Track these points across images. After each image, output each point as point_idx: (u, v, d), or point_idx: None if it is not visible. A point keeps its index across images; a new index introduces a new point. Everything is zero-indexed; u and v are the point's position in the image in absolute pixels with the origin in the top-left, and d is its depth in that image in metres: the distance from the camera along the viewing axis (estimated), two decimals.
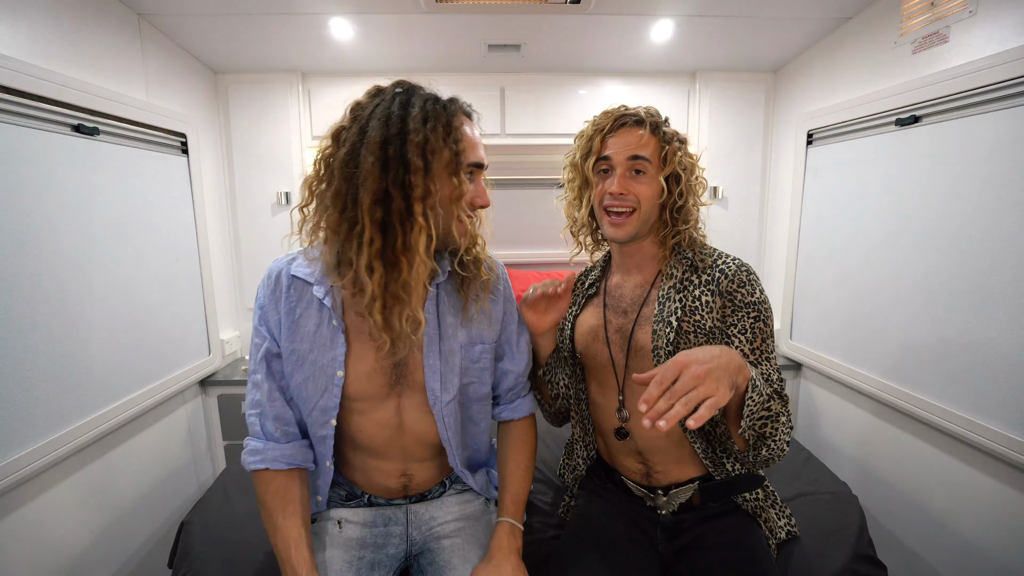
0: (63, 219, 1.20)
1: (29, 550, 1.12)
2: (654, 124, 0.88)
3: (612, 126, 0.88)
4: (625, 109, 0.90)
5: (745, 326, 0.82)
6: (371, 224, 0.69)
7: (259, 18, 1.58)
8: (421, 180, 0.69)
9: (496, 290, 0.91)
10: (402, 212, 0.69)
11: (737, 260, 0.86)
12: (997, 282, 1.12)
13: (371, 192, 0.68)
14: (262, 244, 2.05)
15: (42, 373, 1.13)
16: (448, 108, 0.74)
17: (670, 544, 0.89)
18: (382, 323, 0.73)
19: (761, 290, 0.84)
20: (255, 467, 0.82)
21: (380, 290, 0.71)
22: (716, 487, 0.88)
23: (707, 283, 0.85)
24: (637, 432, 0.90)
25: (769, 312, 0.83)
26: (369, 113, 0.71)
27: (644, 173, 0.86)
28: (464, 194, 0.74)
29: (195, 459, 1.76)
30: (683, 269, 0.89)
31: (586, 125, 0.93)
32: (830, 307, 1.66)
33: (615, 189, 0.86)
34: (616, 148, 0.87)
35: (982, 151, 1.16)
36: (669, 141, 0.87)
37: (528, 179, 2.30)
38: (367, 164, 0.68)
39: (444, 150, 0.70)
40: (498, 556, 0.81)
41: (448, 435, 0.86)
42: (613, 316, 0.94)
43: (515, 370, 0.95)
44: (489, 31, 1.71)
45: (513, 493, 0.89)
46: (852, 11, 1.56)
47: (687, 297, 0.85)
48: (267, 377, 0.83)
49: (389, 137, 0.69)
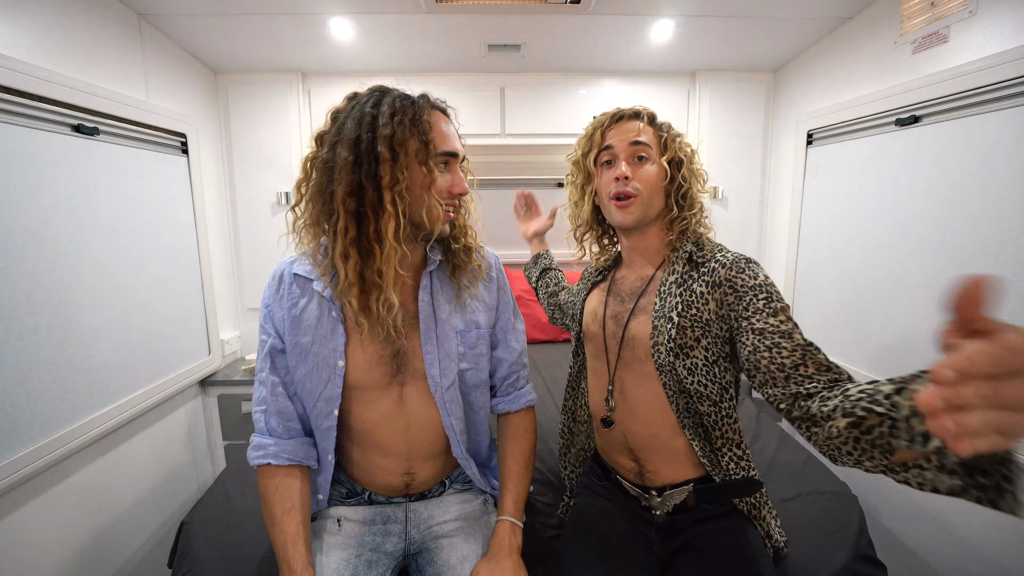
0: (63, 219, 1.20)
1: (29, 550, 1.12)
2: (650, 116, 0.92)
3: (611, 120, 0.92)
4: (621, 108, 0.94)
5: (759, 306, 0.75)
6: (345, 214, 0.74)
7: (259, 18, 1.58)
8: (389, 169, 0.73)
9: (489, 277, 0.95)
10: (374, 202, 0.74)
11: (736, 254, 0.85)
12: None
13: (345, 184, 0.73)
14: (262, 244, 2.05)
15: (42, 373, 1.13)
16: (416, 103, 0.78)
17: (665, 544, 0.89)
18: (358, 308, 0.77)
19: (765, 275, 0.79)
20: (257, 462, 0.84)
21: (356, 276, 0.76)
22: (711, 490, 0.87)
23: (704, 275, 0.84)
24: (623, 425, 0.91)
25: (778, 294, 0.76)
26: (345, 115, 0.77)
27: (646, 159, 0.88)
28: (434, 182, 0.78)
29: (195, 459, 1.76)
30: (683, 263, 0.88)
31: (586, 127, 0.97)
32: (830, 307, 1.66)
33: (620, 173, 0.87)
34: (618, 137, 0.90)
35: (982, 151, 1.16)
36: (667, 131, 0.91)
37: (528, 179, 2.30)
38: (341, 159, 0.73)
39: (411, 140, 0.74)
40: (499, 554, 0.82)
41: (451, 421, 0.88)
42: (613, 302, 0.96)
43: (508, 358, 0.96)
44: (489, 31, 1.72)
45: (513, 491, 0.90)
46: (852, 11, 1.56)
47: (687, 292, 0.85)
48: (271, 372, 0.86)
49: (361, 134, 0.74)
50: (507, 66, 1.99)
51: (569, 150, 1.00)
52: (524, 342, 1.01)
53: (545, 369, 1.90)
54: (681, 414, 0.85)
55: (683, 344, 0.82)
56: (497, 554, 0.82)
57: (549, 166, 2.30)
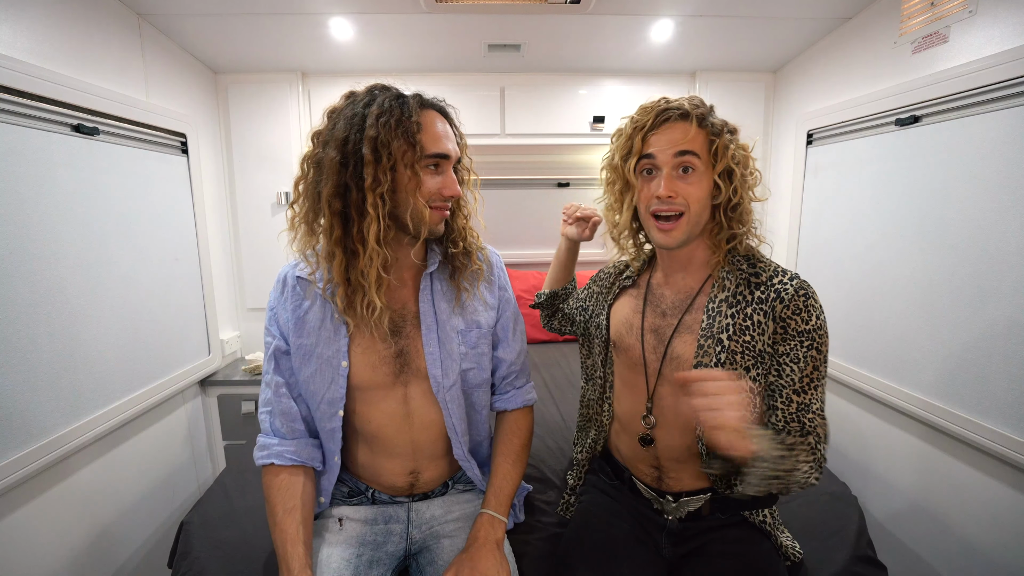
0: (63, 219, 1.20)
1: (30, 550, 1.12)
2: (700, 116, 0.78)
3: (654, 122, 0.79)
4: (667, 102, 0.80)
5: (798, 355, 0.76)
6: (331, 214, 0.74)
7: (259, 18, 1.58)
8: (372, 172, 0.72)
9: (491, 278, 0.95)
10: (358, 203, 0.74)
11: (796, 280, 0.78)
12: (997, 282, 1.12)
13: (331, 185, 0.73)
14: (262, 244, 2.05)
15: (42, 373, 1.13)
16: (406, 103, 0.76)
17: (675, 549, 0.88)
18: (343, 308, 0.79)
19: (818, 315, 0.76)
20: (261, 462, 0.85)
21: (341, 277, 0.77)
22: (728, 500, 0.86)
23: (760, 302, 0.78)
24: (662, 442, 0.88)
25: (824, 338, 0.76)
26: (339, 114, 0.77)
27: (693, 171, 0.78)
28: (421, 184, 0.76)
29: (195, 459, 1.76)
30: (736, 281, 0.81)
31: (623, 123, 0.85)
32: (829, 307, 1.64)
33: (662, 192, 0.77)
34: (660, 145, 0.78)
35: (982, 151, 1.16)
36: (719, 133, 0.78)
37: (528, 179, 2.31)
38: (328, 159, 0.74)
39: (395, 142, 0.73)
40: (473, 546, 0.82)
41: (453, 422, 0.88)
42: (651, 313, 0.89)
43: (508, 357, 0.96)
44: (489, 31, 1.72)
45: (495, 485, 0.90)
46: (852, 11, 1.56)
47: (739, 314, 0.79)
48: (275, 374, 0.87)
49: (350, 134, 0.74)
50: (507, 66, 1.99)
51: (569, 150, 0.97)
52: (524, 341, 1.01)
53: (545, 369, 1.90)
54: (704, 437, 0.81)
55: (731, 371, 0.78)
56: (471, 547, 0.82)
57: (549, 166, 2.30)
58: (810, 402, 0.77)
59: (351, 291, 0.77)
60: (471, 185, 0.89)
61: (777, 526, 0.90)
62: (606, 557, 0.83)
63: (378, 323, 0.79)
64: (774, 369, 0.79)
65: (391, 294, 0.86)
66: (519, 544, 0.96)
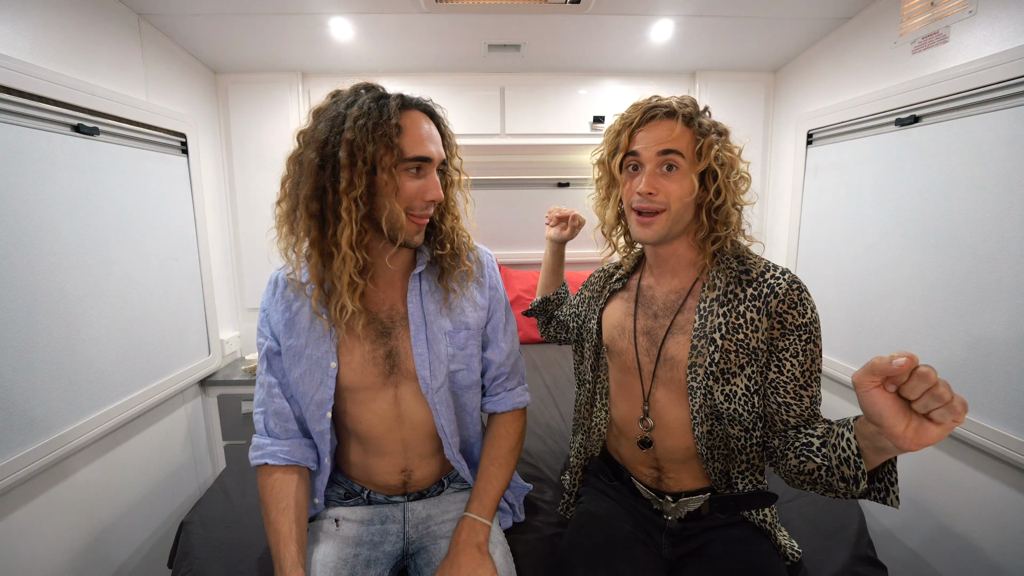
0: (63, 219, 1.20)
1: (30, 549, 1.12)
2: (687, 115, 0.79)
3: (641, 119, 0.80)
4: (656, 100, 0.81)
5: (797, 349, 0.76)
6: (308, 216, 0.74)
7: (259, 18, 1.58)
8: (348, 175, 0.72)
9: (481, 278, 0.94)
10: (334, 207, 0.73)
11: (788, 275, 0.78)
12: (996, 282, 1.12)
13: (309, 185, 0.73)
14: (262, 244, 2.03)
15: (42, 373, 1.13)
16: (385, 105, 0.74)
17: (674, 550, 0.88)
18: (317, 309, 0.80)
19: (812, 308, 0.77)
20: (256, 462, 0.85)
21: (316, 278, 0.78)
22: (727, 500, 0.86)
23: (753, 298, 0.78)
24: (660, 444, 0.88)
25: (819, 331, 0.77)
26: (323, 114, 0.76)
27: (676, 169, 0.79)
28: (400, 189, 0.75)
29: (195, 459, 1.76)
30: (727, 280, 0.81)
31: (614, 119, 0.86)
32: (829, 306, 1.66)
33: (643, 188, 0.79)
34: (645, 143, 0.79)
35: (982, 151, 1.16)
36: (705, 133, 0.79)
37: (528, 179, 2.30)
38: (307, 159, 0.74)
39: (370, 145, 0.72)
40: (453, 551, 0.82)
41: (442, 422, 0.88)
42: (643, 315, 0.89)
43: (497, 359, 0.95)
44: (489, 31, 1.71)
45: (479, 488, 0.90)
46: (852, 11, 1.56)
47: (731, 312, 0.79)
48: (268, 374, 0.87)
49: (330, 136, 0.73)
50: (507, 66, 1.99)
51: (569, 150, 0.98)
52: (515, 343, 0.99)
53: (545, 369, 1.90)
54: (703, 438, 0.82)
55: (725, 369, 0.79)
56: (452, 550, 0.82)
57: (549, 166, 2.30)
58: (815, 395, 0.79)
59: (326, 292, 0.78)
60: (461, 186, 0.88)
61: (776, 526, 0.90)
62: (606, 557, 0.83)
63: (351, 326, 0.80)
64: (774, 365, 0.79)
65: (378, 295, 0.86)
66: (519, 544, 0.95)
